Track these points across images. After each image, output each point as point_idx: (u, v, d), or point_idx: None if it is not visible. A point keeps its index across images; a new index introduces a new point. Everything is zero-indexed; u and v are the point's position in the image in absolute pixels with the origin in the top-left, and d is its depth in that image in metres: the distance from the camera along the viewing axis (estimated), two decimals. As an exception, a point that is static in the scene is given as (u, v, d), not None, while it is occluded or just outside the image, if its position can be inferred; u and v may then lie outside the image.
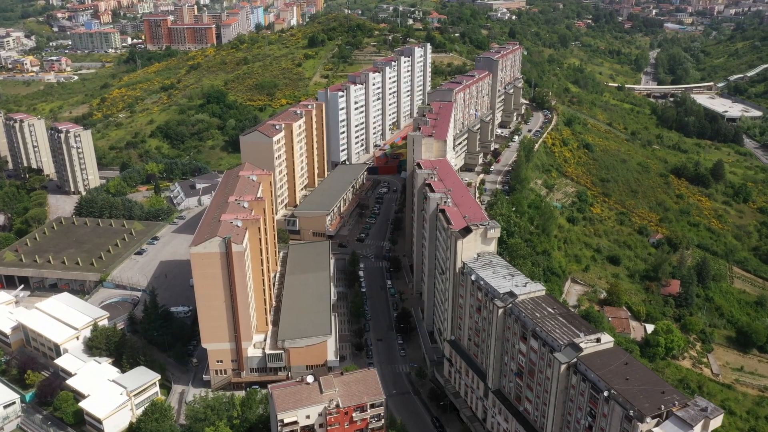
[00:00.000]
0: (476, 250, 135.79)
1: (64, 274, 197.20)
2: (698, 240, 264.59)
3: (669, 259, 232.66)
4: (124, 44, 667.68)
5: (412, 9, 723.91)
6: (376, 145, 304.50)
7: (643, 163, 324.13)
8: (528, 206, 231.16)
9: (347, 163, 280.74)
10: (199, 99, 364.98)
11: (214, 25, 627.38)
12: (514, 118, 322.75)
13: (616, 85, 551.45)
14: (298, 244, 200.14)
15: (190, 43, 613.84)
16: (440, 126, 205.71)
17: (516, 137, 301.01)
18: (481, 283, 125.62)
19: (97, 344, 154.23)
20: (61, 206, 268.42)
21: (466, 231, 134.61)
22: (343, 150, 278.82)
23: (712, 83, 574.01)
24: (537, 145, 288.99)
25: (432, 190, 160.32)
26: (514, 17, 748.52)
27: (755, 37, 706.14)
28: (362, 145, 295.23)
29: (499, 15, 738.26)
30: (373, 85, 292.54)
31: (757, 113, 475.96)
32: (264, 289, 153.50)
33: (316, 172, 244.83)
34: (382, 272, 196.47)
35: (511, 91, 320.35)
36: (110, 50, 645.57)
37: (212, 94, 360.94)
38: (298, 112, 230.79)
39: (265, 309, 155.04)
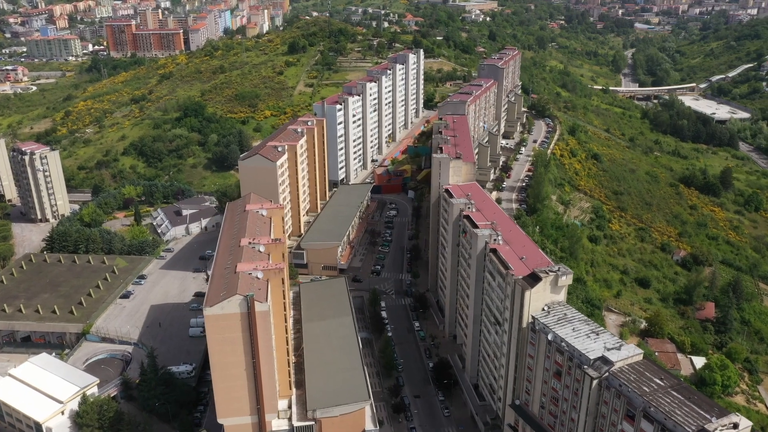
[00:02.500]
0: (545, 300, 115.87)
1: (38, 326, 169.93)
2: (721, 255, 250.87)
3: (702, 280, 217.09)
4: (85, 51, 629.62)
5: (382, 10, 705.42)
6: (373, 161, 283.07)
7: (651, 172, 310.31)
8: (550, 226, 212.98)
9: (345, 182, 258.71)
10: (175, 112, 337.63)
11: (181, 31, 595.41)
12: (518, 128, 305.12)
13: (600, 87, 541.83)
14: (310, 282, 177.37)
15: (157, 50, 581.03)
16: (463, 144, 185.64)
17: (522, 148, 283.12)
18: (563, 345, 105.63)
19: (88, 421, 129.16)
20: (27, 237, 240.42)
21: (534, 279, 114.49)
22: (342, 168, 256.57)
23: (694, 84, 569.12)
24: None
25: (474, 225, 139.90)
26: (488, 19, 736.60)
27: (729, 36, 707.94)
28: (360, 162, 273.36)
29: (473, 17, 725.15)
30: (370, 95, 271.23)
31: (745, 115, 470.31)
32: (287, 349, 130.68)
33: (318, 195, 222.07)
34: (407, 311, 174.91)
35: (513, 99, 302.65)
36: (70, 58, 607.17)
37: (189, 106, 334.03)
38: (299, 130, 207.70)
39: (288, 371, 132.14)
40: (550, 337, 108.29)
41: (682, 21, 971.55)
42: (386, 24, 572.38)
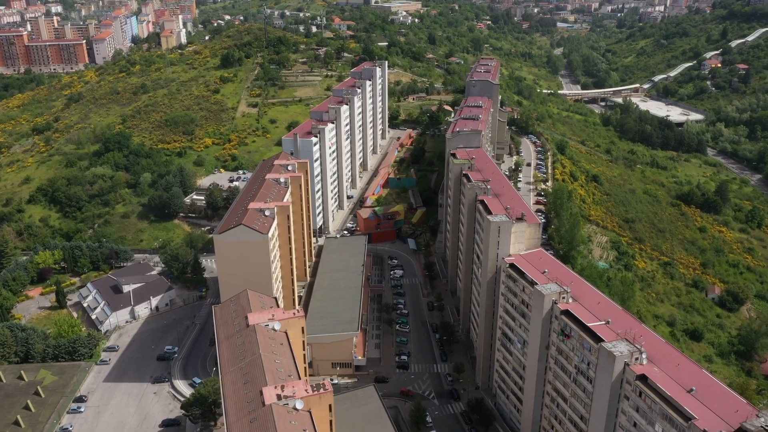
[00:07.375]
0: (761, 469, 76.87)
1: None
2: (754, 288, 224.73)
3: (762, 333, 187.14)
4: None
5: (300, 13, 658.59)
6: (348, 197, 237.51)
7: (649, 191, 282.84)
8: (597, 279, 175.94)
9: (324, 229, 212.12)
10: (93, 144, 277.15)
11: (84, 41, 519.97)
12: (506, 149, 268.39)
13: (547, 91, 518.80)
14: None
15: (56, 64, 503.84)
16: (506, 194, 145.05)
17: (520, 175, 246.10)
18: None
19: None
20: None
21: (752, 443, 75.07)
22: (319, 213, 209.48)
23: (637, 85, 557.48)
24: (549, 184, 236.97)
25: (590, 332, 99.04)
26: (416, 20, 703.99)
27: (656, 35, 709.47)
28: (336, 201, 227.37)
29: (401, 18, 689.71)
30: (343, 120, 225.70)
31: (698, 116, 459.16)
32: None
33: (306, 257, 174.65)
34: (461, 425, 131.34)
35: (501, 117, 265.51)
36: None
37: (110, 137, 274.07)
38: (282, 180, 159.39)
39: None
40: None
41: (597, 19, 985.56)
42: (314, 29, 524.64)
